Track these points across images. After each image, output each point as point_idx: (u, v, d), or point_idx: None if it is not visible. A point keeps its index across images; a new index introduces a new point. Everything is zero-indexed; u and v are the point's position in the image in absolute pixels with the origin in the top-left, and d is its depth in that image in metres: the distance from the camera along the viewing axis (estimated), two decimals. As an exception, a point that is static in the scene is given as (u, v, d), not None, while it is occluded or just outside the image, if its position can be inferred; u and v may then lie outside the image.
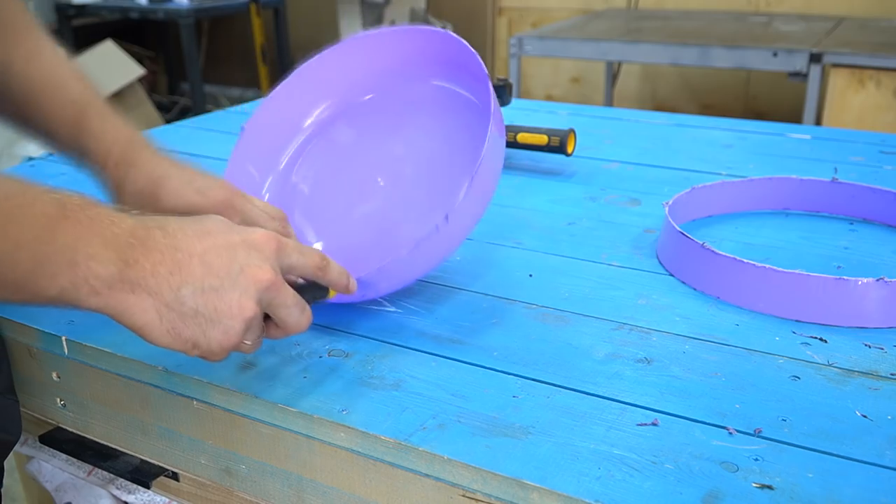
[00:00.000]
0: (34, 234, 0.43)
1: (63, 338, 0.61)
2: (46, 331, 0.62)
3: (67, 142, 0.64)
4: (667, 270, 0.71)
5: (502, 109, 1.06)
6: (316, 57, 0.75)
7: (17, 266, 0.43)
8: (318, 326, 0.62)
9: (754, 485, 0.44)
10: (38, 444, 0.69)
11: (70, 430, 0.67)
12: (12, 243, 0.43)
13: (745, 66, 2.23)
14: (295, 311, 0.51)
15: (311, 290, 0.55)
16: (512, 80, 1.35)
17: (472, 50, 0.65)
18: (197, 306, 0.47)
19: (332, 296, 0.57)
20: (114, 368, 0.60)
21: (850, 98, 2.07)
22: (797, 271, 0.62)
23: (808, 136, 1.11)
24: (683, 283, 0.69)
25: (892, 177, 0.94)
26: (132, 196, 0.61)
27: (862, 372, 0.55)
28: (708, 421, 0.50)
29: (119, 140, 0.63)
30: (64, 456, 0.68)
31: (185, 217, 0.50)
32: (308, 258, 0.53)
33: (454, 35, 0.66)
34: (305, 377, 0.55)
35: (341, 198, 0.75)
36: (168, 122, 3.22)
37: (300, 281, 0.54)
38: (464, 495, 0.48)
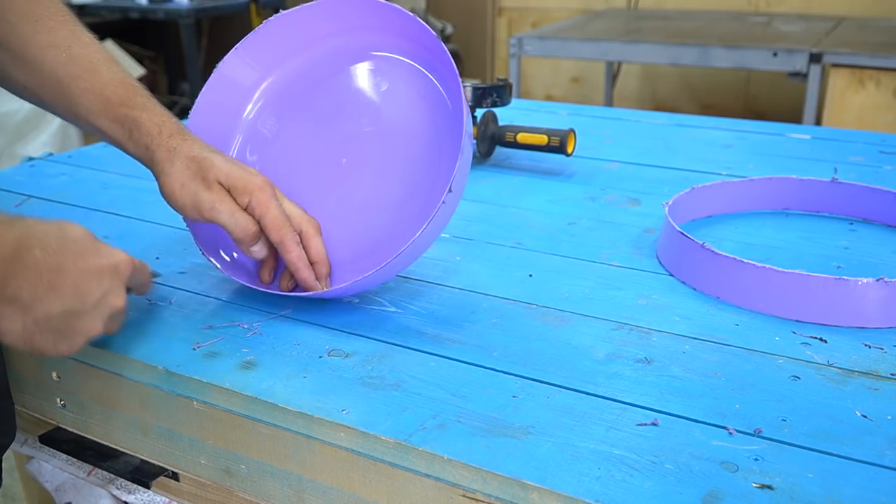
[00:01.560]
0: None
1: (63, 338, 0.61)
2: (46, 331, 0.62)
3: (116, 117, 0.65)
4: (667, 270, 0.71)
5: (502, 110, 1.06)
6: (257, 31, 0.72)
7: None
8: (318, 326, 0.62)
9: (754, 485, 0.44)
10: (38, 444, 0.69)
11: (70, 430, 0.67)
12: None
13: (745, 66, 2.23)
14: (117, 325, 0.57)
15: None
16: (512, 80, 1.35)
17: (413, 16, 0.65)
18: (60, 325, 0.51)
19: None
20: (114, 368, 0.60)
21: (849, 98, 2.07)
22: (797, 271, 0.62)
23: (807, 136, 1.11)
24: (683, 283, 0.69)
25: (892, 177, 0.94)
26: (187, 158, 0.63)
27: (862, 372, 0.55)
28: (708, 421, 0.50)
29: (170, 117, 0.66)
30: (64, 456, 0.68)
31: (52, 225, 0.52)
32: (139, 277, 0.59)
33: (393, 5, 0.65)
34: (305, 377, 0.55)
35: (305, 180, 0.72)
36: (168, 122, 3.21)
37: None
38: (464, 495, 0.48)
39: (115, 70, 0.67)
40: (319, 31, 0.71)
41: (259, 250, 0.63)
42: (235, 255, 0.70)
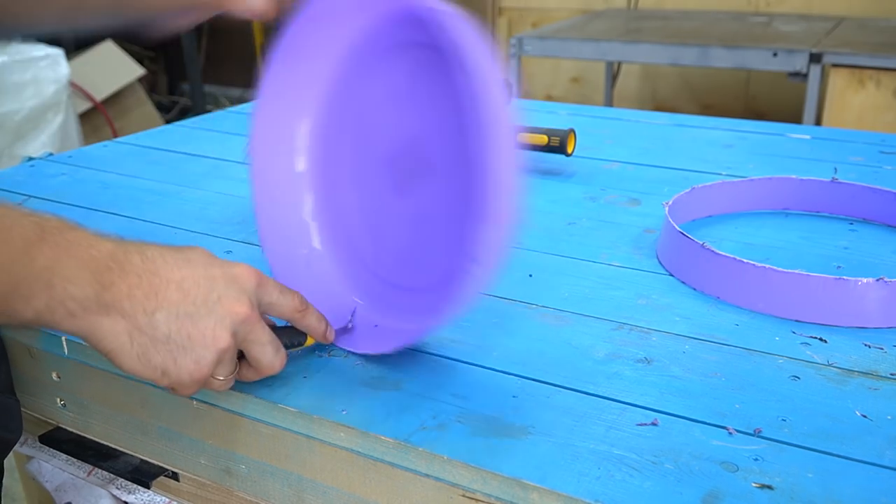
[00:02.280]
0: (11, 257, 0.43)
1: (63, 338, 0.61)
2: (46, 331, 0.62)
3: None
4: (667, 270, 0.71)
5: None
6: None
7: None
8: (318, 326, 0.62)
9: (754, 485, 0.44)
10: (38, 444, 0.69)
11: (70, 430, 0.67)
12: None
13: (745, 66, 2.23)
14: (269, 350, 0.51)
15: (289, 334, 0.54)
16: (512, 80, 1.35)
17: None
18: (170, 332, 0.47)
19: (310, 343, 0.56)
20: (114, 368, 0.60)
21: (850, 98, 2.07)
22: (797, 271, 0.62)
23: (807, 136, 1.11)
24: (683, 283, 0.69)
25: (892, 177, 0.94)
26: None
27: (862, 372, 0.55)
28: (708, 421, 0.50)
29: None
30: (64, 456, 0.68)
31: (166, 246, 0.49)
32: (288, 299, 0.52)
33: None
34: (305, 377, 0.55)
35: (366, 192, 0.64)
36: (168, 122, 3.22)
37: (279, 324, 0.54)
38: (464, 495, 0.48)
39: None
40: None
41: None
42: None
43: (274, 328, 0.53)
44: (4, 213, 0.45)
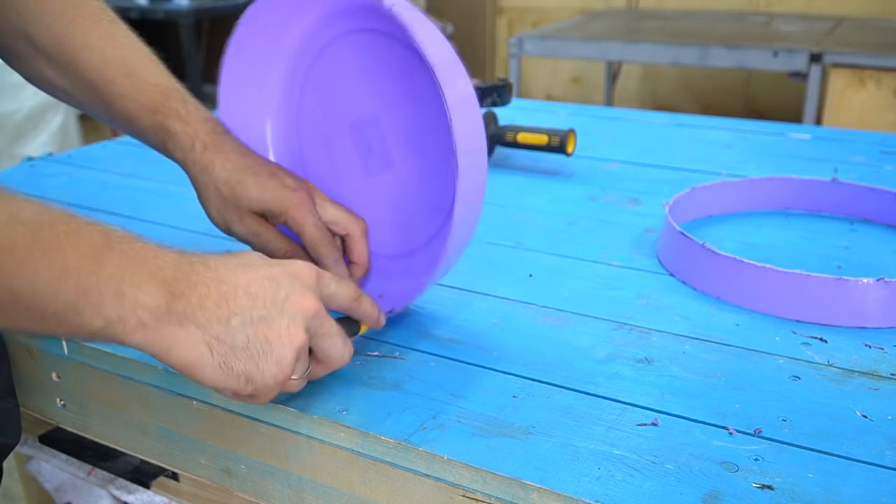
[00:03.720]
0: (79, 263, 0.42)
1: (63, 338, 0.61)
2: (46, 331, 0.62)
3: (151, 126, 0.62)
4: (667, 270, 0.71)
5: (502, 110, 1.06)
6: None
7: (61, 296, 0.41)
8: (318, 326, 0.62)
9: (754, 485, 0.44)
10: (38, 444, 0.69)
11: (70, 430, 0.67)
12: (57, 272, 0.41)
13: (745, 66, 2.23)
14: (339, 342, 0.51)
15: (346, 324, 0.54)
16: (512, 80, 1.35)
17: None
18: (248, 337, 0.46)
19: (363, 331, 0.57)
20: (114, 368, 0.60)
21: (850, 98, 2.07)
22: (797, 271, 0.62)
23: (808, 136, 1.11)
24: (683, 283, 0.69)
25: (892, 177, 0.94)
26: (220, 181, 0.60)
27: (862, 372, 0.55)
28: (708, 421, 0.50)
29: (205, 124, 0.62)
30: (64, 456, 0.68)
31: (222, 253, 0.49)
32: (344, 289, 0.53)
33: None
34: (305, 377, 0.55)
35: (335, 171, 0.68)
36: (168, 122, 3.21)
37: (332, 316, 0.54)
38: (464, 495, 0.48)
39: (151, 72, 0.63)
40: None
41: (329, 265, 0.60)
42: None
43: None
44: (69, 217, 0.43)
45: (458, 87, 0.54)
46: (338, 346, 0.51)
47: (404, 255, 0.65)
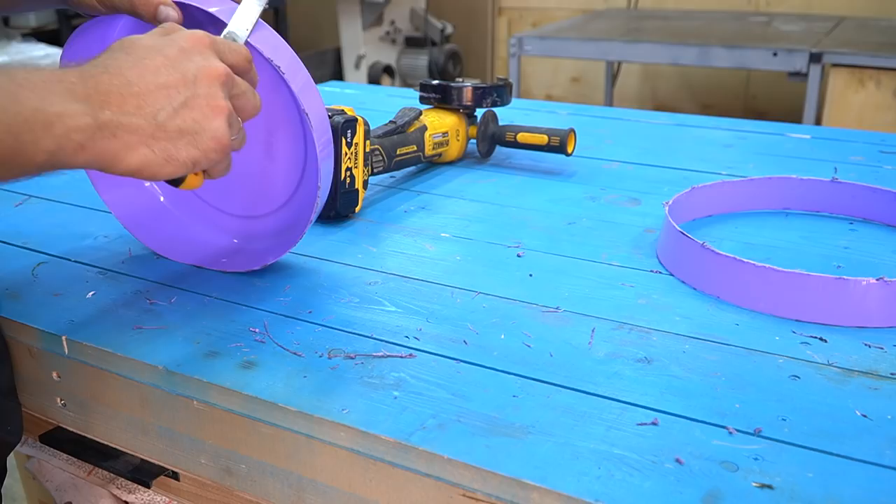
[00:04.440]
0: (3, 107, 0.44)
1: (63, 337, 0.61)
2: (46, 330, 0.62)
3: None
4: (667, 270, 0.71)
5: (502, 110, 1.06)
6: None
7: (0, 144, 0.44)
8: (318, 326, 0.62)
9: (754, 484, 0.44)
10: (39, 443, 0.69)
11: (70, 429, 0.67)
12: None
13: (745, 66, 2.23)
14: (251, 96, 0.54)
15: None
16: (512, 80, 1.35)
17: None
18: (178, 125, 0.49)
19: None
20: (114, 368, 0.60)
21: (850, 98, 2.07)
22: (797, 271, 0.62)
23: (808, 136, 1.11)
24: (683, 282, 0.69)
25: (892, 177, 0.94)
26: None
27: (862, 372, 0.55)
28: (708, 420, 0.50)
29: None
30: (64, 456, 0.68)
31: (110, 52, 0.51)
32: (239, 51, 0.55)
33: None
34: (305, 377, 0.55)
35: None
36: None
37: None
38: (464, 495, 0.48)
39: None
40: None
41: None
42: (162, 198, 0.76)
43: None
44: None
45: (284, 56, 0.60)
46: (252, 100, 0.54)
47: (273, 211, 0.74)
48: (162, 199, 0.77)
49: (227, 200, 0.76)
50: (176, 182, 0.55)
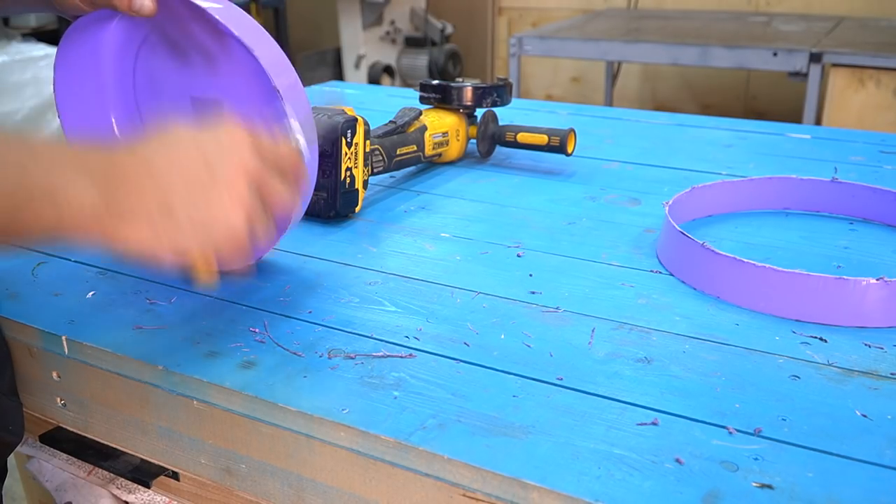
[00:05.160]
0: (7, 176, 0.43)
1: (63, 337, 0.61)
2: (46, 330, 0.62)
3: None
4: (667, 270, 0.71)
5: (502, 110, 1.06)
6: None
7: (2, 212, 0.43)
8: (318, 326, 0.62)
9: (754, 484, 0.44)
10: (39, 443, 0.69)
11: (70, 429, 0.67)
12: None
13: (745, 66, 2.23)
14: (279, 184, 0.52)
15: None
16: (512, 80, 1.35)
17: None
18: (190, 214, 0.47)
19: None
20: (114, 368, 0.60)
21: (850, 98, 2.07)
22: (797, 271, 0.62)
23: (808, 136, 1.11)
24: (683, 282, 0.69)
25: (892, 177, 0.94)
26: None
27: (862, 372, 0.55)
28: (708, 420, 0.50)
29: None
30: (64, 455, 0.68)
31: (149, 138, 0.50)
32: (280, 151, 0.53)
33: None
34: (305, 377, 0.55)
35: None
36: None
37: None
38: (464, 495, 0.48)
39: None
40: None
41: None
42: None
43: None
44: None
45: (268, 47, 0.61)
46: (284, 198, 0.52)
47: None
48: None
49: None
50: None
